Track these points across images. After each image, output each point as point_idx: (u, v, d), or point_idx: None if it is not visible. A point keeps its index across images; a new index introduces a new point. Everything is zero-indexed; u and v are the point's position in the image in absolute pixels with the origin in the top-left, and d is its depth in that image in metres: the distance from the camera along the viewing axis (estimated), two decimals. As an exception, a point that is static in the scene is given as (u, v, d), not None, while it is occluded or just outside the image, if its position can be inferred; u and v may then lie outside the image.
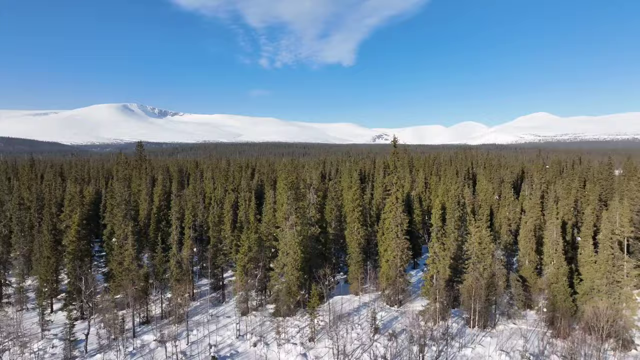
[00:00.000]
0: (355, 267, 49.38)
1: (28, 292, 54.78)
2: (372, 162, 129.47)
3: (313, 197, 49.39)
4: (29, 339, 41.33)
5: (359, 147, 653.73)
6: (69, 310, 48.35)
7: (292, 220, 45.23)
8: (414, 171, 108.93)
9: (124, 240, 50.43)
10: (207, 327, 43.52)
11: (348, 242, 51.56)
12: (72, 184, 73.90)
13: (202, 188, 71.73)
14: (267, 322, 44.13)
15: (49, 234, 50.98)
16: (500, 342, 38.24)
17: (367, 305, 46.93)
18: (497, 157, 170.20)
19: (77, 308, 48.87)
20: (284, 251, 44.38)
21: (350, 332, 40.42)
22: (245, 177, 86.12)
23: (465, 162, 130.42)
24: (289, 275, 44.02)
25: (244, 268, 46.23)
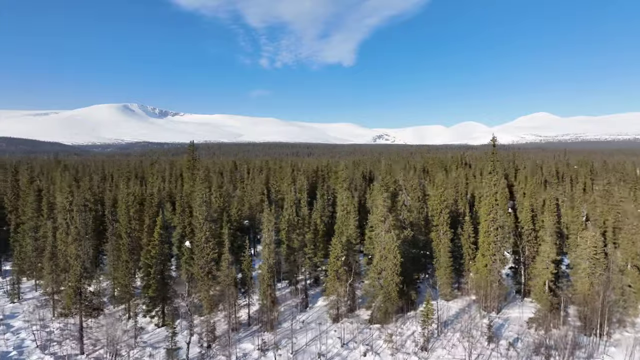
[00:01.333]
0: (444, 271, 47.76)
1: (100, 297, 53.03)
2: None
3: (406, 198, 47.80)
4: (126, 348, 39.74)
5: (360, 148, 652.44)
6: (152, 316, 46.90)
7: (388, 223, 43.60)
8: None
9: (206, 243, 48.73)
10: (305, 335, 41.83)
11: (434, 245, 49.96)
12: (124, 185, 72.03)
13: (261, 189, 70.02)
14: (366, 330, 42.48)
15: (127, 237, 49.22)
16: (627, 352, 36.68)
17: (465, 312, 45.38)
18: (523, 156, 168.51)
19: (159, 314, 47.19)
20: (383, 255, 42.72)
21: (462, 340, 38.82)
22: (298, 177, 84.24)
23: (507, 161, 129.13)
24: (387, 281, 42.35)
25: (336, 273, 44.56)
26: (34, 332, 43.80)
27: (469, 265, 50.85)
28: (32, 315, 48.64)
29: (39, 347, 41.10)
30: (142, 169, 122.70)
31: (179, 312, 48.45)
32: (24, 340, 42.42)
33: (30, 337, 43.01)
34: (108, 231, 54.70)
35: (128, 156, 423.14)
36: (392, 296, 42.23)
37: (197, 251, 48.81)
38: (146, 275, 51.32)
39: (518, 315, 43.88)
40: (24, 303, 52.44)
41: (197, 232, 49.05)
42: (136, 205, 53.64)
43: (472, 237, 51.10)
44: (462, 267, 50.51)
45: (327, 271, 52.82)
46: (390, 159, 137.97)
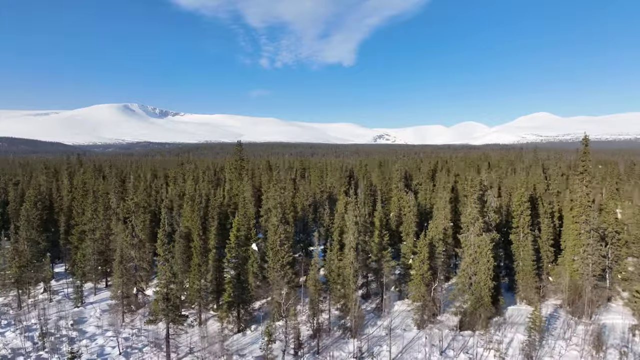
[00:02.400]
0: (528, 275, 46.38)
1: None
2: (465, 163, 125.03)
3: (493, 199, 46.42)
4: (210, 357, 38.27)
5: (362, 148, 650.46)
6: (229, 321, 45.41)
7: (478, 225, 42.21)
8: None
9: (280, 246, 47.28)
10: (394, 342, 40.36)
11: (514, 248, 48.55)
12: (173, 186, 70.45)
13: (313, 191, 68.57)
14: (459, 337, 41.06)
15: (200, 239, 47.71)
16: None
17: (554, 317, 44.01)
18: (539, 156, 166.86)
19: (234, 319, 45.69)
20: (475, 258, 41.33)
21: (567, 349, 37.44)
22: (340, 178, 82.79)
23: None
24: (480, 285, 40.97)
25: (422, 277, 43.12)
26: (112, 338, 42.33)
27: (548, 268, 49.53)
28: (101, 320, 47.29)
29: (122, 354, 39.61)
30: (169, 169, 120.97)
31: (254, 317, 47.04)
32: (104, 347, 40.91)
33: (109, 344, 41.51)
34: (176, 233, 53.10)
35: (131, 156, 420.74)
36: (485, 301, 40.86)
37: (271, 254, 47.34)
38: (215, 279, 50.10)
39: (617, 322, 42.47)
40: (88, 307, 50.88)
41: (271, 235, 47.59)
42: (202, 206, 52.07)
43: (550, 239, 49.77)
44: (541, 271, 49.13)
45: (401, 274, 51.56)
46: (408, 160, 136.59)
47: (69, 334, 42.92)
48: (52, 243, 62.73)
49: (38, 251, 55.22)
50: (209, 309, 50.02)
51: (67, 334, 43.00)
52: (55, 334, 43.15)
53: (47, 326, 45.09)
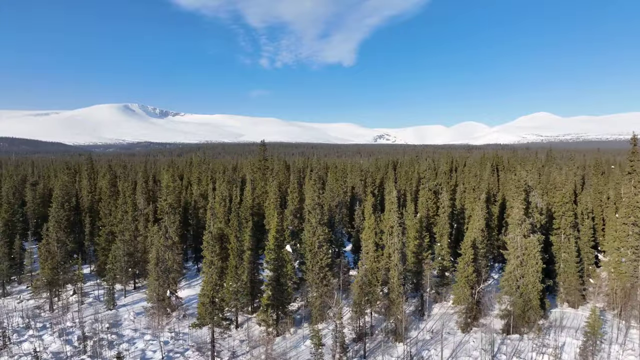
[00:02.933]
0: (571, 277, 45.60)
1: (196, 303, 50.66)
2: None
3: (538, 199, 45.67)
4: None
5: (364, 148, 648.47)
6: (268, 324, 44.55)
7: (525, 227, 41.43)
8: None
9: (319, 248, 46.49)
10: (440, 345, 39.57)
11: (555, 250, 47.81)
12: (197, 186, 69.54)
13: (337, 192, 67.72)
14: (507, 341, 40.29)
15: (237, 241, 46.89)
16: None
17: (602, 321, 43.19)
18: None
19: (273, 322, 44.84)
20: (523, 260, 40.56)
21: (623, 354, 36.67)
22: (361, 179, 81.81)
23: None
24: (528, 288, 40.21)
25: (467, 280, 42.35)
26: (152, 342, 41.54)
27: (588, 270, 48.80)
28: (136, 323, 46.47)
29: (165, 358, 38.78)
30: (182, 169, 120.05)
31: (294, 320, 46.21)
32: (145, 351, 40.05)
33: (150, 348, 40.67)
34: (207, 234, 52.11)
35: (133, 156, 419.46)
36: (533, 304, 40.09)
37: (309, 256, 46.54)
38: (250, 280, 49.30)
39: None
40: (121, 310, 50.03)
41: (310, 236, 46.80)
42: (238, 207, 51.24)
43: (590, 240, 49.03)
44: (582, 272, 48.36)
45: (438, 276, 50.78)
46: (433, 161, 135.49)
47: (107, 338, 42.10)
48: (77, 244, 61.94)
49: (66, 252, 54.35)
50: (244, 312, 49.32)
51: (106, 337, 42.16)
52: (93, 337, 42.31)
53: (83, 329, 44.36)
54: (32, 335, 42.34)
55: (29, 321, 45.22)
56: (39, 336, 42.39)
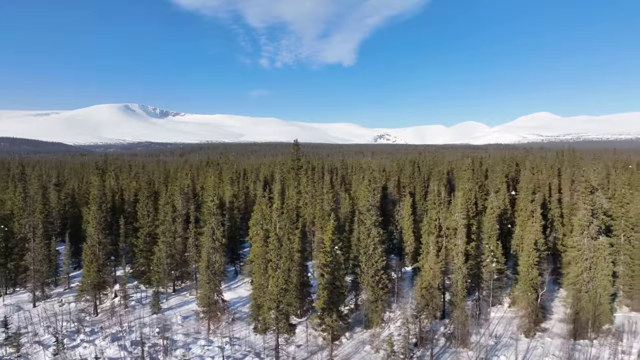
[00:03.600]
0: (635, 280, 44.50)
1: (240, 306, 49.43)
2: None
3: (603, 200, 44.57)
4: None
5: (365, 148, 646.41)
6: (323, 329, 43.29)
7: (593, 228, 40.28)
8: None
9: (374, 250, 45.29)
10: (508, 351, 38.41)
11: (614, 252, 46.62)
12: (230, 187, 68.22)
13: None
14: (578, 346, 39.09)
15: (289, 242, 45.66)
16: None
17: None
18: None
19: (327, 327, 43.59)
20: (592, 263, 39.40)
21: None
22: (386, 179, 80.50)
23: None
24: (598, 291, 39.06)
25: (531, 283, 41.18)
26: (207, 347, 40.33)
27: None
28: (184, 327, 45.23)
29: (226, 365, 37.55)
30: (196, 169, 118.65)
31: (348, 324, 44.97)
32: (203, 357, 38.81)
33: (207, 353, 39.45)
34: (272, 236, 50.96)
35: (135, 156, 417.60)
36: (604, 308, 38.96)
37: (364, 259, 45.36)
38: (300, 283, 48.08)
39: None
40: (167, 313, 48.78)
41: (364, 238, 45.62)
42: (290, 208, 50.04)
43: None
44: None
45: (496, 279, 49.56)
46: (452, 162, 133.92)
47: (160, 343, 40.84)
48: (113, 246, 60.61)
49: (105, 254, 53.14)
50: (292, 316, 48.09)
51: (159, 342, 40.91)
52: (146, 342, 41.07)
53: (133, 334, 43.14)
54: (84, 340, 41.10)
55: (79, 325, 43.93)
56: (91, 341, 41.16)
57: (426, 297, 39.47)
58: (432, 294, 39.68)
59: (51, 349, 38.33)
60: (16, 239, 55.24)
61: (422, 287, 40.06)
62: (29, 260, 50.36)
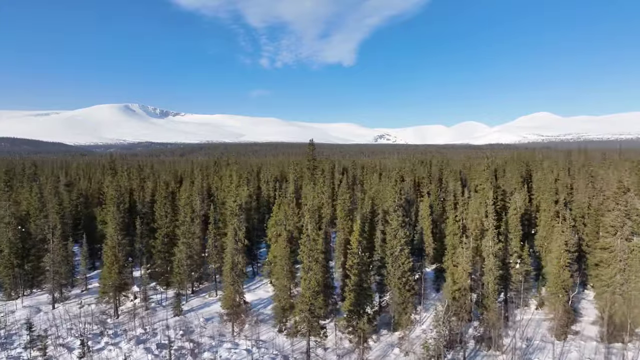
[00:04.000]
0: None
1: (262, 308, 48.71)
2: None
3: (636, 201, 43.81)
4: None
5: (367, 148, 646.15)
6: (349, 332, 42.63)
7: (627, 229, 39.62)
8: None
9: (400, 252, 44.60)
10: (543, 356, 37.76)
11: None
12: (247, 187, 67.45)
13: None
14: (613, 350, 38.44)
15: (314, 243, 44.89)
16: None
17: None
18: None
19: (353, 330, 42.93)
20: (627, 265, 38.74)
21: None
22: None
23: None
24: (634, 292, 38.38)
25: (563, 285, 40.52)
26: (234, 351, 39.63)
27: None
28: (207, 329, 44.51)
29: (255, 368, 36.89)
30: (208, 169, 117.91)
31: (375, 327, 44.29)
32: (231, 361, 38.13)
33: (234, 357, 38.76)
34: (304, 237, 50.32)
35: (136, 156, 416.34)
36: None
37: (390, 260, 44.68)
38: (325, 285, 47.35)
39: None
40: (188, 316, 48.04)
41: (390, 239, 44.92)
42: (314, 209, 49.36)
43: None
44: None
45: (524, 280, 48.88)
46: (470, 161, 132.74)
47: (186, 346, 40.16)
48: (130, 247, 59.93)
49: (124, 256, 52.46)
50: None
51: (185, 345, 40.24)
52: (171, 345, 40.40)
53: (157, 336, 42.49)
54: (108, 343, 40.39)
55: (101, 328, 43.24)
56: (116, 344, 40.45)
57: (459, 299, 38.77)
58: (464, 296, 38.96)
59: (76, 351, 37.73)
60: (33, 239, 54.52)
61: (453, 289, 39.36)
62: (48, 261, 49.65)
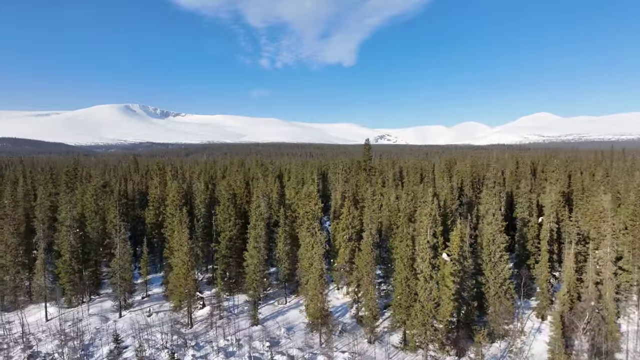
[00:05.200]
0: None
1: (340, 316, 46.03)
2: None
3: None
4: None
5: (363, 148, 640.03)
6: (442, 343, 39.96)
7: None
8: None
9: (500, 258, 41.97)
10: None
11: None
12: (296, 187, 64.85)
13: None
14: None
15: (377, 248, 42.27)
16: None
17: None
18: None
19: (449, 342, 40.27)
20: None
21: None
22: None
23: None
24: None
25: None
26: (334, 365, 36.96)
27: None
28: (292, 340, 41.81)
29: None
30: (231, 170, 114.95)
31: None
32: (333, 376, 35.45)
33: (335, 371, 36.08)
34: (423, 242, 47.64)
35: (139, 156, 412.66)
36: None
37: (487, 267, 42.08)
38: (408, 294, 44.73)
39: None
40: (267, 324, 45.29)
41: (487, 244, 42.33)
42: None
43: None
44: None
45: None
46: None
47: (278, 359, 37.48)
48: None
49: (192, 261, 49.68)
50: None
51: (277, 358, 37.54)
52: (262, 358, 37.79)
53: (243, 348, 39.77)
54: (195, 356, 37.66)
55: (181, 338, 40.52)
56: (204, 356, 37.77)
57: (578, 309, 36.17)
58: (583, 307, 36.35)
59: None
60: (93, 243, 51.79)
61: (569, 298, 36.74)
62: (115, 266, 46.89)
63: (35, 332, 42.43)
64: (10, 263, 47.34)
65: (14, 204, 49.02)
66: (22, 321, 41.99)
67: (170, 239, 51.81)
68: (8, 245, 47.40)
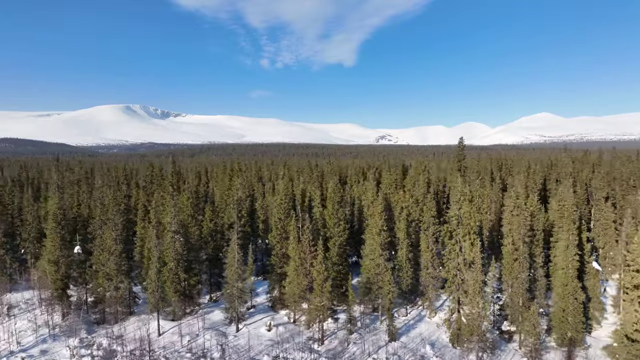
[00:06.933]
0: None
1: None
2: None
3: None
4: None
5: (367, 148, 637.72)
6: None
7: None
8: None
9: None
10: None
11: None
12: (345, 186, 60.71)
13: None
14: None
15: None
16: None
17: None
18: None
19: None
20: None
21: None
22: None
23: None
24: None
25: None
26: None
27: None
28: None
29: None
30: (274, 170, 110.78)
31: None
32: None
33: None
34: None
35: (143, 157, 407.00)
36: None
37: None
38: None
39: None
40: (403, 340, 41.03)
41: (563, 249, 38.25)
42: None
43: None
44: None
45: None
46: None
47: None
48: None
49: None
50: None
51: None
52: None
53: (399, 369, 35.57)
54: (357, 380, 33.43)
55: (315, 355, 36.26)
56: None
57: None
58: None
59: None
60: (196, 250, 47.59)
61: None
62: (230, 275, 42.63)
63: (156, 349, 38.15)
64: (114, 272, 43.14)
65: (117, 208, 44.75)
66: (141, 335, 37.82)
67: (276, 246, 47.80)
68: (111, 253, 43.18)
